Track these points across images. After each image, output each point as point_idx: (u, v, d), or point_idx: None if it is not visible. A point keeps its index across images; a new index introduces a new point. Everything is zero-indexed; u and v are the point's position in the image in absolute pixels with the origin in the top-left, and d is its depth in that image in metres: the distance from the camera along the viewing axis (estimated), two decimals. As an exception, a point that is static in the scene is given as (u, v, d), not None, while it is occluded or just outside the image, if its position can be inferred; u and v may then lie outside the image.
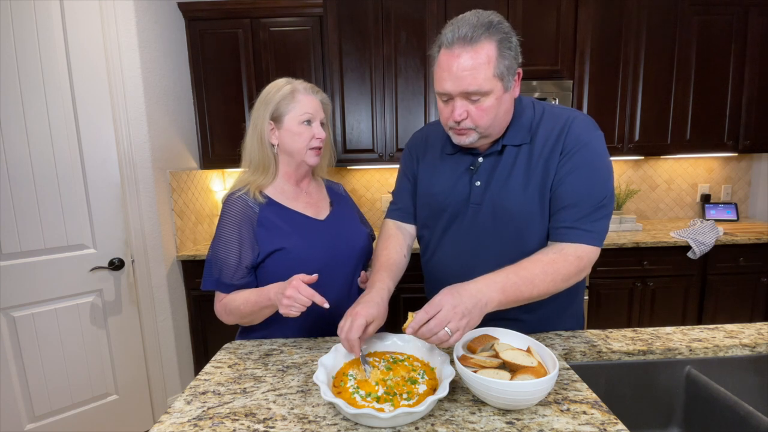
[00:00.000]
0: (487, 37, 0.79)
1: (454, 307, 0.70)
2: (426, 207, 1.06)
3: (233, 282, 0.99)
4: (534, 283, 0.80)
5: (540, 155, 0.90)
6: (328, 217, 1.11)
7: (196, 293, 2.27)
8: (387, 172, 2.78)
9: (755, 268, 2.22)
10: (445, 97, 0.85)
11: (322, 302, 0.84)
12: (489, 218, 0.95)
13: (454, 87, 0.81)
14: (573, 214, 0.87)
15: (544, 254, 0.85)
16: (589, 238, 0.86)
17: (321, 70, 2.40)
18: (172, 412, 0.72)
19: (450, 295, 0.72)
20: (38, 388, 1.70)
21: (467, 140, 0.89)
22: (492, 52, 0.79)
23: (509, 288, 0.77)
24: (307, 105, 1.03)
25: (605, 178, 0.89)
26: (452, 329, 0.70)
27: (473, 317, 0.72)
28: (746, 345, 0.91)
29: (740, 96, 2.38)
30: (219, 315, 1.03)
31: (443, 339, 0.70)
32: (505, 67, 0.81)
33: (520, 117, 0.93)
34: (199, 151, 2.49)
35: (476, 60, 0.79)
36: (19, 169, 1.61)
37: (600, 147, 0.89)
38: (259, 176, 1.06)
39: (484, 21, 0.79)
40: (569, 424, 0.64)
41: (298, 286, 0.84)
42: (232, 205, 1.01)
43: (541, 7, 2.24)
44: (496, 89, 0.82)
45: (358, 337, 0.78)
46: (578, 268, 0.84)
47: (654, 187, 2.79)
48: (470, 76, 0.79)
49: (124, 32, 1.92)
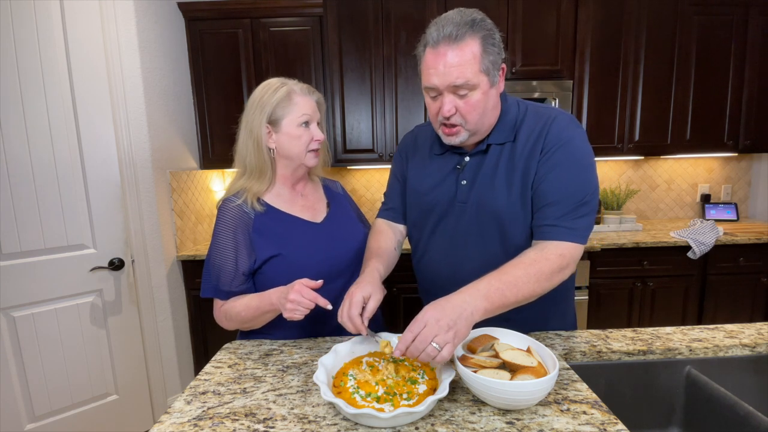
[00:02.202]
0: (471, 34, 0.81)
1: (437, 321, 0.69)
2: (415, 207, 1.07)
3: (231, 289, 0.99)
4: (518, 286, 0.78)
5: (521, 154, 0.91)
6: (325, 220, 1.11)
7: (196, 293, 2.27)
8: (387, 172, 2.75)
9: (755, 268, 2.22)
10: (433, 92, 0.87)
11: (325, 304, 0.85)
12: (474, 217, 0.96)
13: (442, 81, 0.83)
14: (554, 212, 0.87)
15: (525, 255, 0.84)
16: (571, 236, 0.85)
17: (321, 70, 2.40)
18: (172, 412, 0.72)
19: (433, 310, 0.71)
20: (38, 388, 1.70)
21: (457, 140, 0.91)
22: (477, 49, 0.82)
23: (493, 294, 0.76)
24: (304, 107, 1.02)
25: (587, 174, 0.89)
26: (440, 343, 0.67)
27: (459, 329, 0.69)
28: (746, 345, 0.91)
29: (740, 96, 2.38)
30: (219, 321, 1.03)
31: (432, 355, 0.67)
32: (490, 62, 0.83)
33: (505, 116, 0.94)
34: (199, 151, 2.49)
35: (462, 57, 0.81)
36: (19, 169, 1.61)
37: (581, 144, 0.89)
38: (255, 182, 1.03)
39: (468, 19, 0.82)
40: (569, 424, 0.64)
41: (300, 290, 0.85)
42: (227, 212, 1.00)
43: (541, 7, 2.24)
44: (482, 84, 0.84)
45: (359, 313, 0.81)
46: (560, 266, 0.83)
47: (654, 187, 2.79)
48: (457, 72, 0.81)
49: (124, 32, 1.92)
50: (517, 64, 2.29)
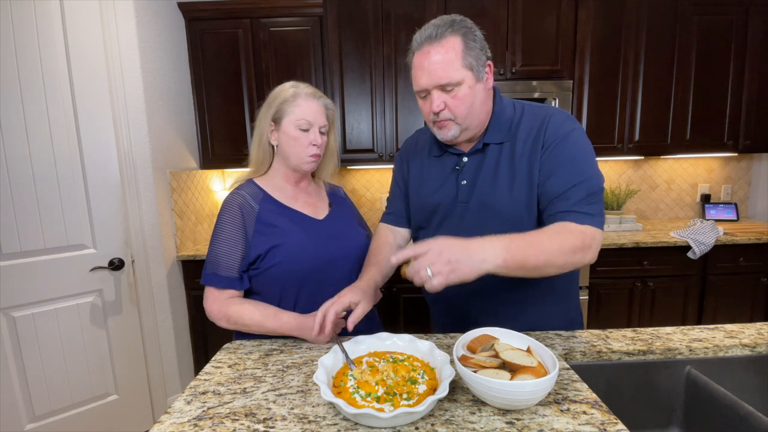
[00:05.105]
0: (451, 32, 0.86)
1: (440, 253, 0.71)
2: (419, 210, 1.08)
3: (230, 275, 1.00)
4: (541, 248, 0.77)
5: (522, 153, 0.92)
6: (327, 218, 1.12)
7: (196, 293, 2.27)
8: (387, 172, 2.78)
9: (755, 268, 2.22)
10: (423, 93, 0.91)
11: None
12: (476, 216, 0.97)
13: (429, 81, 0.87)
14: (566, 203, 0.87)
15: (546, 228, 0.84)
16: (589, 220, 0.84)
17: (321, 70, 2.40)
18: (172, 412, 0.72)
19: (443, 242, 0.73)
20: (38, 388, 1.70)
21: (449, 133, 0.93)
22: (458, 45, 0.86)
23: (515, 248, 0.75)
24: (306, 110, 1.03)
25: (591, 164, 0.89)
26: (433, 272, 0.70)
27: (461, 269, 0.71)
28: (746, 345, 0.91)
29: (740, 96, 2.38)
30: (214, 316, 1.01)
31: (424, 279, 0.71)
32: (473, 57, 0.87)
33: (500, 115, 0.96)
34: (199, 151, 2.49)
35: (445, 55, 0.85)
36: (19, 169, 1.61)
37: (580, 137, 0.91)
38: (253, 170, 1.11)
39: (447, 20, 0.88)
40: (569, 424, 0.64)
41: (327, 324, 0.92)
42: (232, 202, 1.03)
43: (541, 7, 2.24)
44: (467, 78, 0.87)
45: (340, 316, 0.92)
46: (582, 243, 0.81)
47: (654, 187, 2.79)
48: (441, 69, 0.86)
49: (124, 32, 1.92)
50: (517, 64, 2.29)
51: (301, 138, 1.03)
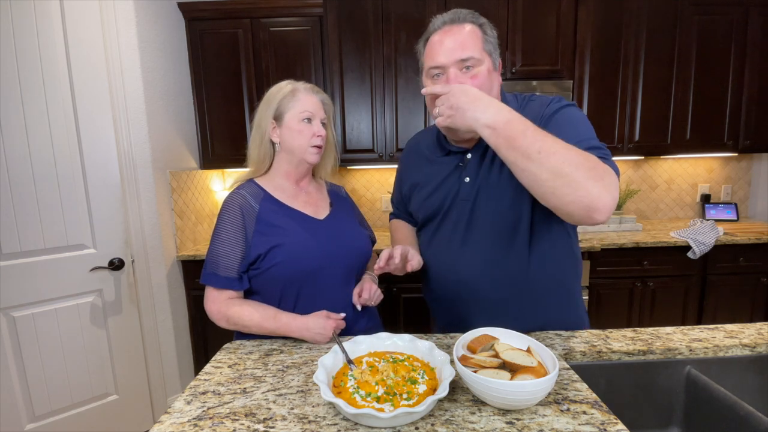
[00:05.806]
0: (470, 20, 0.91)
1: (451, 96, 0.79)
2: (422, 210, 1.08)
3: (230, 275, 1.00)
4: (544, 140, 0.71)
5: None
6: (328, 217, 1.11)
7: (196, 293, 2.27)
8: (387, 172, 2.78)
9: (755, 268, 2.22)
10: (437, 70, 0.91)
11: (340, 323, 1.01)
12: (479, 213, 0.97)
13: (448, 57, 0.88)
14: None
15: None
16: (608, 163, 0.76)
17: (321, 70, 2.40)
18: (172, 412, 0.72)
19: (458, 88, 0.80)
20: (38, 388, 1.70)
21: None
22: (477, 31, 0.90)
23: (515, 123, 0.72)
24: (307, 103, 1.05)
25: (591, 131, 0.86)
26: (440, 112, 0.82)
27: (457, 118, 0.79)
28: (746, 345, 0.91)
29: (740, 96, 2.38)
30: (214, 317, 1.02)
31: (436, 115, 0.84)
32: (491, 45, 0.91)
33: None
34: (199, 151, 2.49)
35: (467, 35, 0.88)
36: (19, 169, 1.61)
37: (578, 110, 0.90)
38: (253, 170, 1.11)
39: (465, 11, 0.92)
40: (569, 424, 0.64)
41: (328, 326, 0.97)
42: (232, 202, 1.03)
43: (541, 7, 2.24)
44: (486, 61, 0.90)
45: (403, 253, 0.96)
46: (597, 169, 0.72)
47: (654, 187, 2.79)
48: (464, 44, 0.88)
49: (124, 32, 1.92)
50: (517, 64, 2.29)
51: (304, 130, 1.04)
